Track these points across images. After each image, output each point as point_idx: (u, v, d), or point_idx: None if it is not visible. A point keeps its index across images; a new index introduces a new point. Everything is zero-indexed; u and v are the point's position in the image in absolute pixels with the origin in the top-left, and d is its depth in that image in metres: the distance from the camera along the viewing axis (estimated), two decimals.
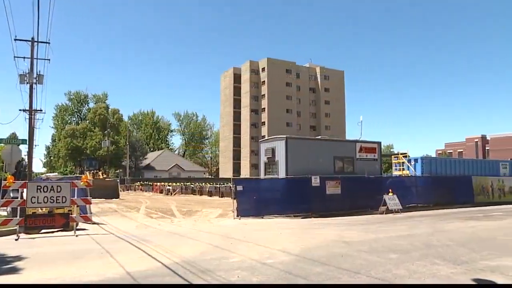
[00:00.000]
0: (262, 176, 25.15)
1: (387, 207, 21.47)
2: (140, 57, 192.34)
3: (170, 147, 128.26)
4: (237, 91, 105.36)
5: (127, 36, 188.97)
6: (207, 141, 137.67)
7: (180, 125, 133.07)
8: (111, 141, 77.47)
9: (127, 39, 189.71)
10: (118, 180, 46.39)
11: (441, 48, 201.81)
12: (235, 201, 19.53)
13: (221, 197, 38.09)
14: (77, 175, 48.99)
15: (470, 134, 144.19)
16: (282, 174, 22.66)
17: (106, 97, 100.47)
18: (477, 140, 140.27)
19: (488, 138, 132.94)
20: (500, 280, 7.34)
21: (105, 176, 49.86)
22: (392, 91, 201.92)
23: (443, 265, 8.56)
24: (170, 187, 49.83)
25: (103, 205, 26.89)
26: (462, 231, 14.39)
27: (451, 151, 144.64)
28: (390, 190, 22.18)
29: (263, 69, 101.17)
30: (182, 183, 53.17)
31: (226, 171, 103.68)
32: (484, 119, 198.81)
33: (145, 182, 63.14)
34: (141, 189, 59.15)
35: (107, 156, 74.52)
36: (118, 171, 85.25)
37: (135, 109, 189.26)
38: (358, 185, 22.69)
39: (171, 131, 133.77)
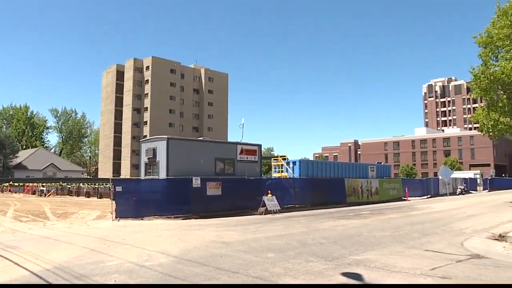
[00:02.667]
0: (142, 176, 24.61)
1: (266, 207, 22.06)
2: (13, 47, 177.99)
3: (45, 145, 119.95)
4: (119, 88, 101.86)
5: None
6: (86, 139, 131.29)
7: (57, 122, 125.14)
8: None
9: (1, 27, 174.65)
10: None
11: (320, 57, 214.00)
12: (114, 202, 18.92)
13: (100, 198, 36.68)
14: None
15: (344, 139, 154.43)
16: (163, 175, 22.37)
17: None
18: (350, 144, 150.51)
19: (359, 143, 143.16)
20: (363, 272, 8.02)
21: None
22: (273, 96, 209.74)
23: (316, 262, 9.07)
24: (44, 188, 46.66)
25: None
26: (334, 229, 15.31)
27: (327, 154, 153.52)
28: (269, 191, 22.80)
29: (147, 68, 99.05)
30: (57, 184, 50.07)
31: (105, 171, 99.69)
32: (357, 126, 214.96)
33: (15, 183, 58.26)
34: (9, 190, 54.48)
35: None
36: None
37: (5, 103, 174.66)
38: (238, 186, 23.15)
39: (47, 128, 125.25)
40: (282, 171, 31.52)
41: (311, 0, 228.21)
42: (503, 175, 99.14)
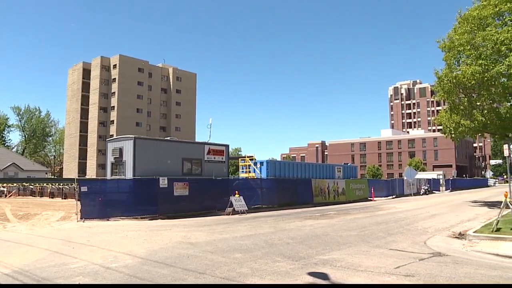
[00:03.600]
0: (108, 176, 24.23)
1: (234, 208, 22.08)
2: None
3: (6, 144, 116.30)
4: (85, 87, 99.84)
5: None
6: (50, 138, 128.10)
7: (20, 120, 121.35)
8: None
9: None
10: None
11: (288, 59, 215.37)
12: (79, 203, 18.59)
13: (64, 198, 35.95)
14: None
15: (312, 140, 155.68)
16: (129, 175, 22.10)
17: None
18: (317, 145, 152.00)
19: (327, 144, 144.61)
20: (329, 271, 8.12)
21: None
22: (241, 97, 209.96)
23: (283, 261, 9.13)
24: (5, 189, 45.25)
25: None
26: (301, 229, 15.43)
27: (294, 155, 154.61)
28: (236, 192, 22.85)
29: (114, 66, 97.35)
30: (19, 184, 48.64)
31: (70, 171, 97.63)
32: (324, 127, 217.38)
33: None
34: None
35: None
36: None
37: None
38: (206, 186, 23.07)
39: (9, 126, 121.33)
40: (249, 172, 31.54)
41: (279, 2, 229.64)
42: (464, 175, 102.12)
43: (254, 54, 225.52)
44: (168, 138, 29.70)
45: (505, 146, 24.31)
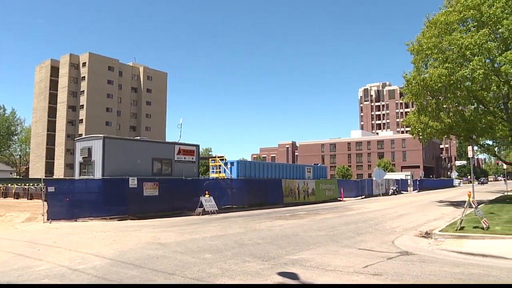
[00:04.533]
0: (77, 176, 23.80)
1: (204, 208, 22.03)
2: None
3: None
4: (54, 85, 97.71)
5: None
6: (16, 137, 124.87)
7: None
8: None
9: None
10: None
11: (260, 59, 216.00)
12: (46, 203, 18.23)
13: (30, 199, 35.22)
14: None
15: (282, 140, 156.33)
16: (98, 174, 21.76)
17: None
18: (288, 146, 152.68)
19: (297, 144, 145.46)
20: (299, 271, 8.18)
21: None
22: (212, 97, 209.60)
23: (253, 262, 9.15)
24: None
25: None
26: (271, 229, 15.49)
27: (265, 155, 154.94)
28: (206, 192, 22.82)
29: (84, 64, 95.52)
30: None
31: (37, 171, 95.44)
32: (295, 127, 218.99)
33: None
34: None
35: None
36: None
37: None
38: (176, 187, 22.98)
39: None
40: (220, 172, 31.46)
41: (251, 1, 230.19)
42: (431, 176, 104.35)
43: (225, 54, 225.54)
44: (138, 137, 29.37)
45: (469, 148, 25.02)
